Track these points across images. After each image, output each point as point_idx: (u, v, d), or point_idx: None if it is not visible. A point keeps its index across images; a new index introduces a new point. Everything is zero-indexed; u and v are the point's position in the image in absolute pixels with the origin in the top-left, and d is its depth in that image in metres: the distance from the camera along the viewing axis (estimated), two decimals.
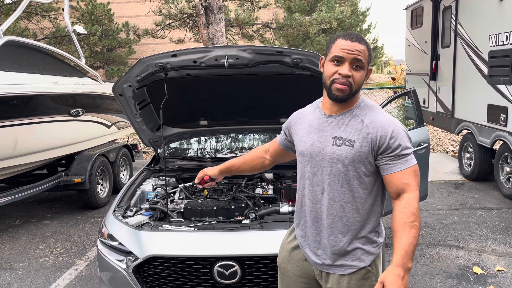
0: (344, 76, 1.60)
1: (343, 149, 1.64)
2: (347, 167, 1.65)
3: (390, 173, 1.63)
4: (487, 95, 5.70)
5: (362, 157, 1.63)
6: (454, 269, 3.71)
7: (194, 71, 3.14)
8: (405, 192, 1.62)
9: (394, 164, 1.62)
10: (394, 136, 1.62)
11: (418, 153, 4.01)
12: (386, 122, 1.64)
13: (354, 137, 1.64)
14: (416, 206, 1.59)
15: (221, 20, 8.25)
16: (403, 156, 1.62)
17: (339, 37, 1.64)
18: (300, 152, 1.78)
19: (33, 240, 4.81)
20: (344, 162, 1.64)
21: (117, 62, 19.81)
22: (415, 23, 8.49)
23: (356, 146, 1.63)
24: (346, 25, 20.85)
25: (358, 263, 1.71)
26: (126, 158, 6.95)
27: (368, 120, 1.65)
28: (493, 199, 5.59)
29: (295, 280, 1.85)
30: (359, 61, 1.61)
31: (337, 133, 1.67)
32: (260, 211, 2.81)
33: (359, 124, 1.65)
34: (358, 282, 1.71)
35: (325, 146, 1.68)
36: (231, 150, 4.01)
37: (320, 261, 1.75)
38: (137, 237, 2.48)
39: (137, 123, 3.55)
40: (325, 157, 1.68)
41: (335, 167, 1.66)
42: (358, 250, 1.71)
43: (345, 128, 1.67)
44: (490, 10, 5.62)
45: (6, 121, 4.36)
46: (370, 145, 1.63)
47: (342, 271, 1.72)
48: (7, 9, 13.16)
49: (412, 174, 1.62)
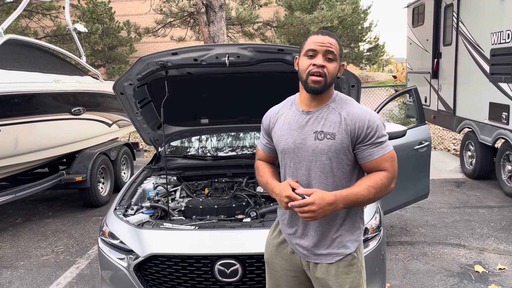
0: (319, 66, 1.69)
1: (325, 142, 1.72)
2: (331, 159, 1.73)
3: (368, 161, 1.73)
4: (489, 93, 5.68)
5: (344, 148, 1.72)
6: (456, 267, 3.71)
7: (195, 69, 3.13)
8: (382, 170, 1.72)
9: (371, 152, 1.71)
10: (370, 125, 1.71)
11: (420, 151, 4.00)
12: (362, 113, 1.73)
13: (334, 130, 1.72)
14: (383, 182, 1.69)
15: (222, 19, 8.24)
16: (379, 144, 1.72)
17: (312, 35, 1.76)
18: (282, 149, 1.82)
19: (34, 239, 4.82)
20: (328, 154, 1.72)
21: (118, 61, 19.81)
22: (417, 21, 8.47)
23: (337, 139, 1.71)
24: (347, 23, 20.82)
25: (344, 250, 1.79)
26: (127, 157, 6.96)
27: (345, 112, 1.74)
28: (495, 197, 5.58)
29: (283, 274, 1.90)
30: (331, 53, 1.71)
31: (318, 128, 1.74)
32: (261, 210, 2.81)
33: (337, 117, 1.74)
34: (345, 268, 1.79)
35: (306, 142, 1.75)
36: (232, 148, 4.00)
37: (308, 252, 1.82)
38: (138, 236, 2.48)
39: (138, 122, 3.54)
40: (308, 152, 1.75)
41: (319, 161, 1.73)
42: (343, 238, 1.79)
43: (324, 122, 1.74)
44: (492, 8, 5.60)
45: (7, 119, 4.36)
46: (349, 136, 1.71)
47: (329, 259, 1.79)
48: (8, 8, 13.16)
49: (389, 160, 1.72)
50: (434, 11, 7.40)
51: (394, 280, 3.52)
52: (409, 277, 3.57)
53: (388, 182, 1.72)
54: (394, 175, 1.74)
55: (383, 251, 2.55)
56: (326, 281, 1.79)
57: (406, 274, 3.62)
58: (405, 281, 3.50)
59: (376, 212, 2.59)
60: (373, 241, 2.46)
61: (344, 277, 1.78)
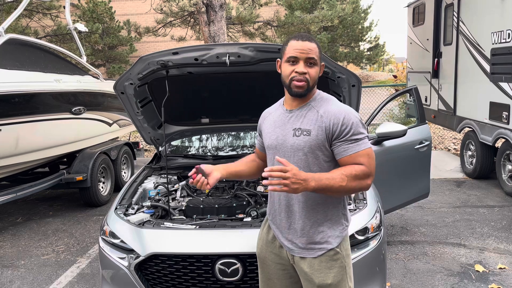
0: (301, 73, 1.77)
1: (302, 138, 1.79)
2: (307, 155, 1.79)
3: (343, 156, 1.77)
4: (489, 93, 5.68)
5: (319, 144, 1.78)
6: (456, 267, 3.71)
7: (195, 68, 3.13)
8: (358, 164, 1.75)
9: (346, 147, 1.76)
10: (345, 123, 1.75)
11: (420, 151, 4.01)
12: (338, 111, 1.78)
13: (310, 127, 1.79)
14: (357, 173, 1.71)
15: (222, 18, 8.24)
16: (354, 141, 1.75)
17: (291, 39, 1.81)
18: (267, 146, 1.93)
19: (35, 238, 4.83)
20: (304, 150, 1.79)
21: (118, 60, 19.82)
22: (417, 21, 8.47)
23: (312, 135, 1.78)
24: (347, 23, 20.83)
25: (326, 245, 1.84)
26: (127, 156, 6.96)
27: (323, 110, 1.81)
28: (495, 197, 5.58)
29: (274, 267, 1.97)
30: (312, 58, 1.78)
31: (297, 125, 1.83)
32: (261, 209, 2.81)
33: (315, 115, 1.81)
34: (327, 263, 1.83)
35: (287, 138, 1.84)
36: (233, 148, 4.00)
37: (292, 246, 1.88)
38: (138, 235, 2.49)
39: (139, 121, 3.54)
40: (287, 148, 1.83)
41: (297, 156, 1.80)
42: (325, 234, 1.84)
43: (303, 119, 1.82)
44: (493, 7, 5.60)
45: (8, 119, 4.36)
46: (324, 132, 1.77)
47: (312, 254, 1.84)
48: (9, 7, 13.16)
49: (365, 156, 1.75)
50: (435, 10, 7.40)
51: (395, 280, 3.52)
52: (410, 276, 3.57)
53: (363, 175, 1.73)
54: (371, 172, 1.75)
55: (384, 251, 2.55)
56: (310, 275, 1.84)
57: (407, 273, 3.63)
58: (406, 281, 3.50)
59: (376, 212, 2.60)
60: (374, 241, 2.46)
61: (327, 272, 1.83)
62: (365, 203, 2.63)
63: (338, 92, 3.05)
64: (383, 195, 3.29)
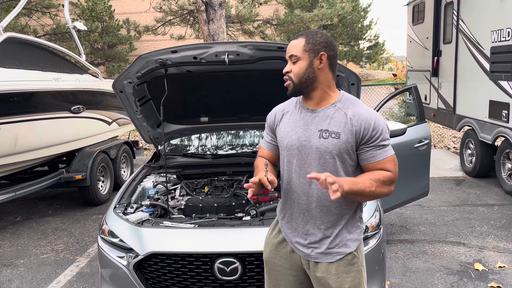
0: (285, 73, 1.79)
1: (330, 141, 1.73)
2: (335, 158, 1.73)
3: (370, 163, 1.73)
4: (489, 91, 5.68)
5: (348, 148, 1.73)
6: (455, 265, 3.71)
7: (194, 67, 3.13)
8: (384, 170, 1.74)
9: (375, 154, 1.72)
10: (376, 128, 1.72)
11: (420, 149, 4.00)
12: (368, 115, 1.73)
13: (339, 130, 1.73)
14: (385, 180, 1.70)
15: (221, 17, 8.22)
16: (382, 147, 1.73)
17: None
18: (286, 146, 1.83)
19: (34, 237, 4.82)
20: (332, 153, 1.73)
21: (117, 59, 19.81)
22: (417, 19, 8.46)
23: (342, 138, 1.72)
24: (347, 21, 20.82)
25: (344, 249, 1.79)
26: (127, 155, 6.95)
27: (351, 113, 1.74)
28: (495, 195, 5.58)
29: (283, 273, 1.90)
30: (293, 55, 1.76)
31: (323, 126, 1.75)
32: (260, 208, 2.80)
33: (343, 117, 1.74)
34: (345, 268, 1.79)
35: (311, 139, 1.76)
36: (232, 146, 4.00)
37: (308, 251, 1.82)
38: (137, 234, 2.48)
39: (138, 120, 3.54)
40: (312, 150, 1.75)
41: (323, 159, 1.74)
42: (344, 237, 1.79)
43: (330, 121, 1.75)
44: (492, 5, 5.59)
45: (7, 117, 4.35)
46: (354, 136, 1.72)
47: (329, 258, 1.79)
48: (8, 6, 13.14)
49: (391, 162, 1.74)
50: (434, 9, 7.39)
51: (394, 278, 3.52)
52: (409, 275, 3.57)
53: (389, 182, 1.72)
54: (396, 178, 1.75)
55: (383, 249, 2.55)
56: (326, 280, 1.78)
57: (406, 272, 3.62)
58: (405, 279, 3.50)
59: (376, 210, 2.59)
60: (373, 239, 2.46)
61: (345, 276, 1.78)
62: (364, 202, 2.62)
63: None
64: None
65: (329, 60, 1.76)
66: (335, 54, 1.79)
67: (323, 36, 1.77)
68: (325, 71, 1.76)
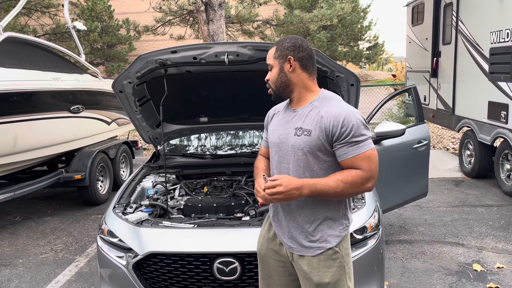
0: (266, 81, 1.91)
1: (302, 138, 1.80)
2: (306, 155, 1.80)
3: (343, 159, 1.77)
4: (488, 92, 5.69)
5: (319, 145, 1.77)
6: (454, 266, 3.72)
7: (194, 67, 3.13)
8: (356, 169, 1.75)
9: (346, 151, 1.75)
10: (345, 125, 1.73)
11: (419, 150, 4.01)
12: (338, 112, 1.76)
13: (311, 127, 1.79)
14: (354, 179, 1.72)
15: (221, 17, 8.23)
16: (354, 143, 1.73)
17: None
18: (271, 143, 1.94)
19: (33, 237, 4.82)
20: (304, 150, 1.80)
21: (117, 59, 19.81)
22: (416, 20, 8.47)
23: (313, 135, 1.78)
24: (346, 22, 20.84)
25: (325, 244, 1.84)
26: (126, 155, 6.95)
27: (324, 111, 1.80)
28: (493, 196, 5.59)
29: (274, 264, 1.99)
30: (268, 64, 1.88)
31: (298, 124, 1.83)
32: (260, 208, 2.81)
33: (317, 115, 1.80)
34: (326, 262, 1.84)
35: (289, 137, 1.85)
36: (231, 147, 4.00)
37: (292, 244, 1.89)
38: (137, 234, 2.48)
39: (137, 120, 3.54)
40: (288, 147, 1.84)
41: (297, 155, 1.82)
42: (325, 232, 1.85)
43: (305, 119, 1.83)
44: (491, 7, 5.60)
45: (6, 117, 4.35)
46: (324, 133, 1.77)
47: (310, 252, 1.85)
48: (7, 5, 13.13)
49: (364, 159, 1.74)
50: (434, 10, 7.40)
51: (393, 279, 3.52)
52: (408, 275, 3.58)
53: (360, 181, 1.73)
54: (371, 175, 1.74)
55: (382, 250, 2.55)
56: (308, 274, 1.85)
57: (405, 272, 3.63)
58: (404, 280, 3.51)
59: (375, 211, 2.60)
60: (372, 240, 2.47)
61: (325, 270, 1.84)
62: (363, 202, 2.63)
63: (337, 91, 3.04)
64: (381, 194, 3.29)
65: (299, 61, 1.83)
66: (307, 55, 1.84)
67: (291, 40, 1.85)
68: (297, 72, 1.83)
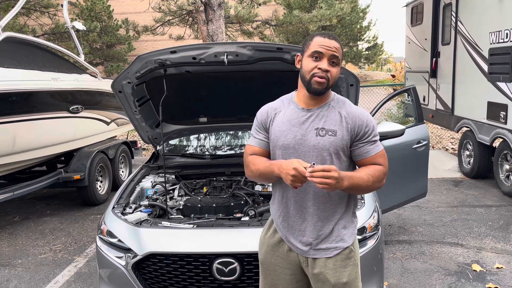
0: (324, 70, 1.74)
1: (327, 138, 1.78)
2: (332, 155, 1.78)
3: (365, 158, 1.81)
4: (487, 93, 5.69)
5: (343, 145, 1.79)
6: (453, 266, 3.72)
7: (193, 67, 3.12)
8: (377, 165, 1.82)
9: (369, 149, 1.81)
10: (368, 125, 1.82)
11: (418, 150, 4.01)
12: (361, 113, 1.84)
13: (335, 127, 1.79)
14: (379, 174, 1.79)
15: (220, 17, 8.23)
16: (374, 142, 1.82)
17: (316, 35, 1.79)
18: (282, 145, 1.82)
19: (32, 237, 4.81)
20: (329, 150, 1.78)
21: (116, 59, 19.80)
22: (415, 20, 8.47)
23: (338, 135, 1.78)
24: (346, 22, 20.83)
25: (342, 244, 1.84)
26: (125, 155, 6.95)
27: (345, 112, 1.82)
28: (493, 196, 5.59)
29: (281, 272, 1.91)
30: (336, 57, 1.76)
31: (319, 125, 1.80)
32: (259, 208, 2.81)
33: (338, 116, 1.81)
34: (343, 262, 1.83)
35: (307, 138, 1.79)
36: (231, 147, 4.00)
37: (306, 248, 1.84)
38: (136, 234, 2.48)
39: (136, 120, 3.54)
40: (309, 148, 1.79)
41: (320, 156, 1.78)
42: (341, 232, 1.84)
43: (325, 119, 1.80)
44: (491, 7, 5.61)
45: (5, 117, 4.34)
46: (349, 133, 1.79)
47: (327, 253, 1.83)
48: (6, 5, 13.12)
49: (382, 157, 1.83)
50: (433, 10, 7.41)
51: (392, 279, 3.52)
52: (407, 276, 3.58)
53: (382, 176, 1.81)
54: (386, 172, 1.84)
55: (381, 250, 2.55)
56: (325, 275, 1.81)
57: (404, 273, 3.63)
58: (403, 280, 3.51)
59: (374, 211, 2.60)
60: (371, 240, 2.47)
61: (342, 270, 1.82)
62: (363, 203, 2.63)
63: (336, 92, 3.04)
64: (381, 194, 3.29)
65: None
66: None
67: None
68: None
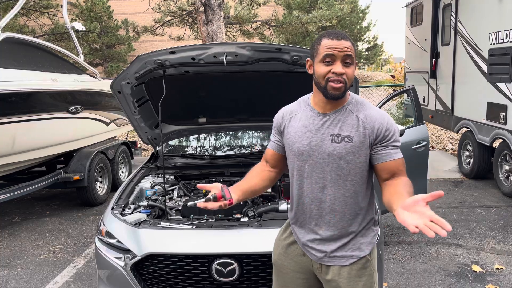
0: (339, 74, 1.63)
1: (343, 145, 1.67)
2: (349, 163, 1.68)
3: (385, 161, 1.68)
4: (487, 93, 5.69)
5: (362, 151, 1.68)
6: (453, 267, 3.72)
7: (192, 68, 3.12)
8: (401, 176, 1.69)
9: (389, 153, 1.68)
10: (389, 128, 1.69)
11: (418, 151, 4.01)
12: (380, 116, 1.71)
13: (352, 133, 1.68)
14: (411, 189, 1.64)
15: (220, 17, 8.23)
16: (395, 147, 1.70)
17: (324, 37, 1.66)
18: (297, 151, 1.75)
19: (31, 238, 4.81)
20: (346, 157, 1.67)
21: (116, 59, 19.80)
22: (415, 21, 8.47)
23: (355, 142, 1.67)
24: (345, 23, 20.85)
25: (358, 253, 1.75)
26: (125, 156, 6.94)
27: (363, 115, 1.70)
28: (492, 197, 5.59)
29: (292, 276, 1.86)
30: (349, 57, 1.64)
31: (335, 131, 1.69)
32: (258, 209, 2.80)
33: (355, 120, 1.69)
34: (358, 271, 1.75)
35: (322, 144, 1.70)
36: (230, 147, 4.00)
37: (321, 255, 1.77)
38: (135, 235, 2.48)
39: (136, 121, 3.53)
40: (324, 155, 1.69)
41: (336, 163, 1.68)
42: (358, 240, 1.76)
43: (342, 124, 1.69)
44: (490, 8, 5.61)
45: (5, 118, 4.34)
46: (368, 138, 1.68)
47: (342, 262, 1.75)
48: (6, 6, 13.12)
49: (403, 164, 1.71)
50: (433, 11, 7.41)
51: (392, 280, 3.52)
52: (407, 276, 3.57)
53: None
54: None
55: (381, 251, 2.55)
56: (338, 283, 1.75)
57: (404, 273, 3.63)
58: (403, 281, 3.51)
59: None
60: None
61: (356, 280, 1.74)
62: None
63: None
64: (380, 195, 3.28)
65: None
66: None
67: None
68: None
